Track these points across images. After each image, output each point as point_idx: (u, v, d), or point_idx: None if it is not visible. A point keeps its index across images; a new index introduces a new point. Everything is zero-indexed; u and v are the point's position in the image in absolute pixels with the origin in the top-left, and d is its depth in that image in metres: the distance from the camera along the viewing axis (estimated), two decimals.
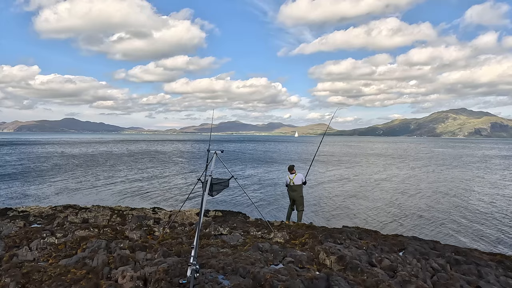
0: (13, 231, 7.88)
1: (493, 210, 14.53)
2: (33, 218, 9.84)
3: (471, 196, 17.77)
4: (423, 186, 21.31)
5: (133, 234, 7.56)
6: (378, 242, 7.33)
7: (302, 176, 10.51)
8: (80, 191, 18.41)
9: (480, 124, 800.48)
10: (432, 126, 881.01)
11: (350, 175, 26.50)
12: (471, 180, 24.24)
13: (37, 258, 5.94)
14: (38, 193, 17.48)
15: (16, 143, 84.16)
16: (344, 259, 5.76)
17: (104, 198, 16.44)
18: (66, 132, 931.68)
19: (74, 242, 6.51)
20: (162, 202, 15.60)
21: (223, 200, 15.74)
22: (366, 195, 17.95)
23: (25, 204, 14.36)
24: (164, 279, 4.49)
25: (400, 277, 5.04)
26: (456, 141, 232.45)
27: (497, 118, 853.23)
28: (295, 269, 5.19)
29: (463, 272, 5.63)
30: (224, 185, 7.38)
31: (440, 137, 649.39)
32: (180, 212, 10.45)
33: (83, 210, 10.52)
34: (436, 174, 28.04)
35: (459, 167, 34.07)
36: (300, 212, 10.50)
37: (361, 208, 14.77)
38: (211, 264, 5.18)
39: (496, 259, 6.41)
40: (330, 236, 7.43)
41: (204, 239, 7.41)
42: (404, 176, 26.12)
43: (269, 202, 15.91)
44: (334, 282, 4.55)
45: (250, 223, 9.46)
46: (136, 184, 21.08)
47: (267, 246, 6.49)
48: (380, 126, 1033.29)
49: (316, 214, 13.45)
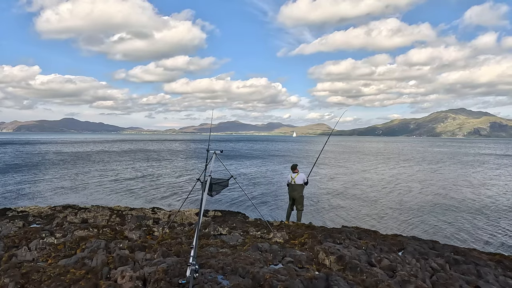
0: (12, 231, 7.87)
1: (493, 210, 14.54)
2: (32, 218, 9.84)
3: (470, 196, 17.78)
4: (422, 186, 21.32)
5: (132, 234, 7.55)
6: (377, 242, 7.34)
7: (304, 176, 10.50)
8: (79, 191, 18.38)
9: (479, 124, 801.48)
10: (431, 126, 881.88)
11: (349, 175, 26.51)
12: (470, 180, 24.26)
13: (36, 258, 5.93)
14: (37, 193, 17.45)
15: (15, 143, 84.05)
16: (343, 259, 5.76)
17: (103, 198, 16.42)
18: (66, 132, 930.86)
19: (74, 242, 6.50)
20: (161, 202, 15.59)
21: (222, 200, 15.74)
22: (365, 194, 17.96)
23: (24, 204, 14.34)
24: (163, 279, 4.49)
25: (400, 277, 5.05)
26: (454, 141, 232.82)
27: (496, 118, 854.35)
28: (294, 269, 5.19)
29: (462, 272, 5.64)
30: (223, 185, 7.39)
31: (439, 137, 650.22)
32: (179, 212, 10.45)
33: (82, 210, 10.51)
34: (435, 173, 28.07)
35: (457, 167, 34.11)
36: (299, 212, 10.51)
37: (360, 208, 14.78)
38: (211, 264, 5.18)
39: (495, 259, 6.42)
40: (330, 236, 7.44)
41: (203, 239, 7.41)
42: (403, 176, 26.14)
43: (269, 202, 15.91)
44: (334, 282, 4.56)
45: (250, 223, 9.46)
46: (135, 184, 21.06)
47: (267, 246, 6.49)
48: (380, 126, 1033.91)
49: (316, 214, 13.45)
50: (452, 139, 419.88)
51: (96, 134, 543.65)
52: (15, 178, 22.73)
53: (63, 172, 26.52)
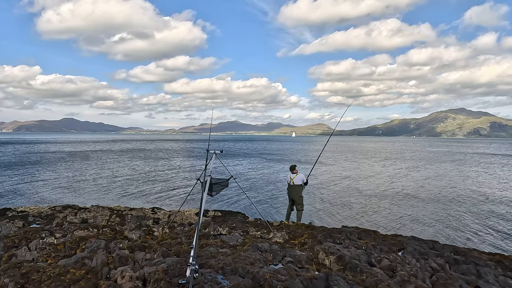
0: (12, 231, 7.87)
1: (492, 210, 14.55)
2: (32, 218, 9.84)
3: (469, 196, 17.79)
4: (422, 185, 21.32)
5: (132, 234, 7.55)
6: (377, 242, 7.34)
7: (303, 177, 10.51)
8: (79, 191, 18.38)
9: (479, 124, 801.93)
10: (431, 126, 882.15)
11: (348, 175, 26.50)
12: (470, 180, 24.26)
13: (36, 258, 5.93)
14: (37, 193, 17.44)
15: (15, 143, 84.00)
16: (343, 259, 5.76)
17: (103, 198, 16.42)
18: (65, 132, 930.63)
19: (73, 242, 6.50)
20: (161, 202, 15.59)
21: (222, 200, 15.74)
22: (365, 194, 17.96)
23: (24, 204, 14.34)
24: (163, 279, 4.49)
25: (399, 277, 5.05)
26: (454, 141, 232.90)
27: (496, 118, 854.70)
28: (294, 269, 5.19)
29: (462, 272, 5.64)
30: (223, 185, 7.39)
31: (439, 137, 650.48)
32: (179, 212, 10.45)
33: (82, 210, 10.51)
34: (435, 173, 28.06)
35: (457, 167, 34.11)
36: (299, 212, 10.51)
37: (360, 207, 14.78)
38: (211, 264, 5.18)
39: (495, 259, 6.42)
40: (330, 236, 7.44)
41: (203, 239, 7.41)
42: (403, 176, 26.14)
43: (269, 202, 15.91)
44: (334, 282, 4.56)
45: (250, 223, 9.46)
46: (135, 184, 21.05)
47: (267, 246, 6.49)
48: (380, 126, 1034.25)
49: (315, 214, 13.45)
50: (452, 139, 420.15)
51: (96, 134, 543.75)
52: (15, 178, 22.72)
53: (63, 172, 26.51)
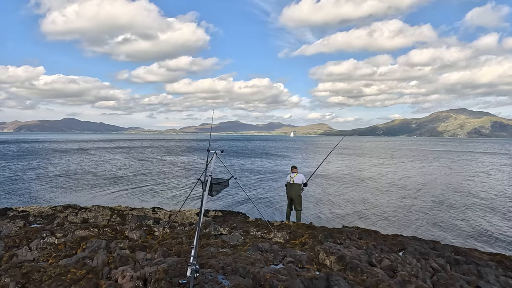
0: (13, 231, 7.88)
1: (494, 210, 14.53)
2: (33, 218, 9.85)
3: (469, 196, 17.76)
4: (422, 185, 21.30)
5: (133, 234, 7.56)
6: (378, 242, 7.33)
7: (303, 177, 10.52)
8: (79, 191, 18.40)
9: (480, 124, 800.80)
10: (432, 126, 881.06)
11: (349, 175, 26.49)
12: (469, 179, 24.22)
13: (37, 258, 5.94)
14: (38, 193, 17.47)
15: (14, 143, 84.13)
16: (344, 259, 5.76)
17: (103, 198, 16.43)
18: (66, 132, 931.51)
19: (74, 242, 6.50)
20: (162, 202, 15.59)
21: (223, 200, 15.74)
22: (365, 194, 17.95)
23: (24, 204, 14.36)
24: (164, 279, 4.49)
25: (400, 277, 5.04)
26: (455, 140, 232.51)
27: (497, 118, 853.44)
28: (295, 269, 5.19)
29: (463, 272, 5.63)
30: (224, 185, 7.39)
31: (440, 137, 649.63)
32: (180, 212, 10.46)
33: (83, 210, 10.52)
34: (435, 173, 28.03)
35: (455, 166, 34.07)
36: (298, 212, 10.50)
37: (361, 207, 14.77)
38: (211, 264, 5.18)
39: (496, 259, 6.41)
40: (330, 236, 7.43)
41: (204, 239, 7.41)
42: (403, 176, 26.11)
43: (269, 202, 15.91)
44: (334, 282, 4.55)
45: (250, 223, 9.46)
46: (135, 184, 21.07)
47: (267, 246, 6.49)
48: (380, 126, 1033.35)
49: (316, 214, 13.45)
50: (453, 139, 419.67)
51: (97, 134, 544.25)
52: (15, 178, 22.76)
53: (63, 172, 26.54)
